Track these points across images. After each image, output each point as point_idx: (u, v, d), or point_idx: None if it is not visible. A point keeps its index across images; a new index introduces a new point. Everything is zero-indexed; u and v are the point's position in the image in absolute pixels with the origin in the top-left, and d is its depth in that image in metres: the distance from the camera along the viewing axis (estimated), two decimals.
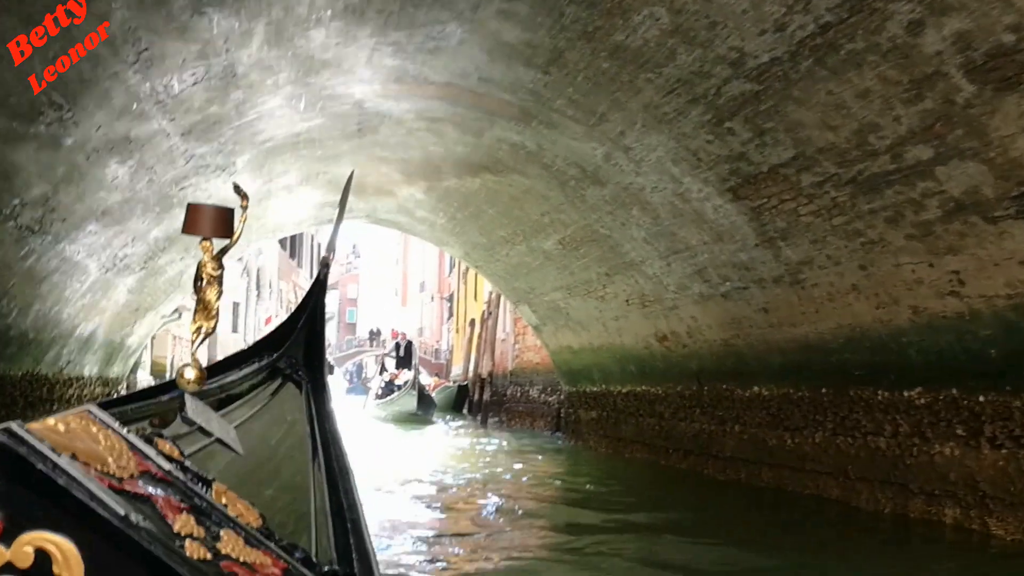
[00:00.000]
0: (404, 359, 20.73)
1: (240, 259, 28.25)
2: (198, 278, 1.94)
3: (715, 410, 8.56)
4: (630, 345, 10.12)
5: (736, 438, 8.17)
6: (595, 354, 11.30)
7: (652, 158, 6.83)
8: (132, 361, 12.67)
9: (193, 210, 1.92)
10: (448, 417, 20.38)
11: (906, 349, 5.84)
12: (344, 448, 2.17)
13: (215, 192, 8.51)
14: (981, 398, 5.25)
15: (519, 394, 17.78)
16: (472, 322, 28.63)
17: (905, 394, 5.98)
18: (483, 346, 23.34)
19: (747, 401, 8.00)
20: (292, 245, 37.79)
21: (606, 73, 5.97)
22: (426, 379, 20.14)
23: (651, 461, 10.02)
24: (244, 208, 2.04)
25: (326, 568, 1.27)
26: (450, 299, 44.36)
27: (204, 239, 1.89)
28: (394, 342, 21.91)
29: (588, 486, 8.82)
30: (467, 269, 37.14)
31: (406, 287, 67.07)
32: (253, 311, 29.80)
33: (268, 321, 29.45)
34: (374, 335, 60.42)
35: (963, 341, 5.28)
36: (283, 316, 33.08)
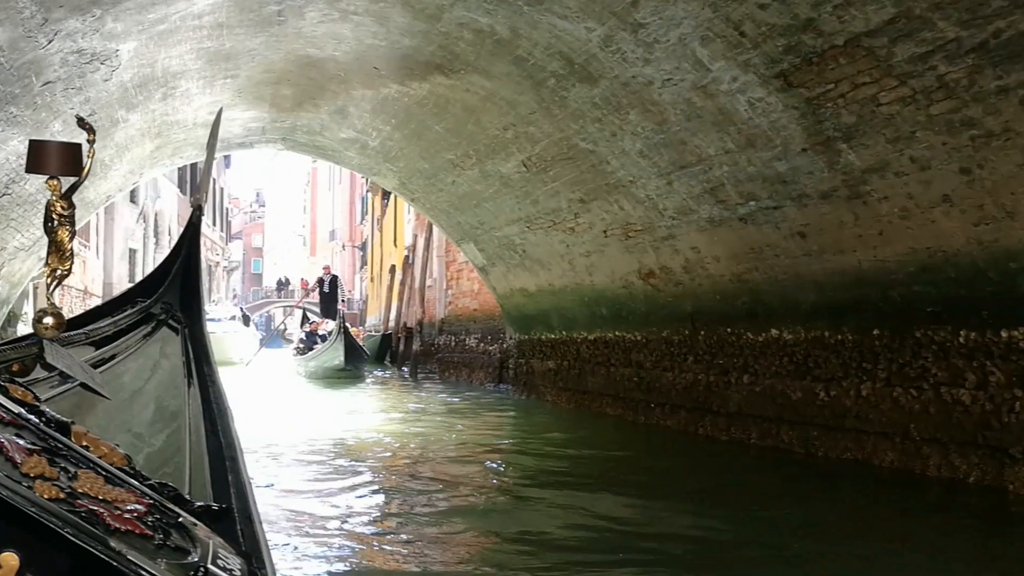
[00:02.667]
0: (329, 296, 18.43)
1: (134, 202, 25.74)
2: (48, 219, 1.85)
3: (715, 358, 7.22)
4: (603, 285, 8.68)
5: (744, 391, 6.86)
6: (555, 297, 9.83)
7: (671, 38, 5.29)
8: (5, 311, 10.61)
9: (36, 147, 1.82)
10: (371, 369, 18.63)
11: (1014, 277, 4.54)
12: (222, 390, 2.11)
13: (94, 97, 6.60)
14: None
15: (453, 344, 16.23)
16: (392, 269, 26.92)
17: (1003, 335, 4.70)
18: (408, 293, 21.68)
19: (761, 347, 6.67)
20: (192, 189, 34.99)
21: None
22: (331, 326, 17.75)
23: (626, 417, 8.67)
24: (91, 143, 1.91)
25: (198, 504, 1.23)
26: (363, 247, 42.34)
27: (51, 178, 1.82)
28: (317, 278, 19.53)
29: (551, 448, 7.35)
30: (384, 214, 35.25)
31: (315, 235, 64.64)
32: (152, 258, 27.36)
33: (152, 272, 26.93)
34: (282, 285, 57.79)
35: None
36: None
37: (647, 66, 5.66)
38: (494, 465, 6.42)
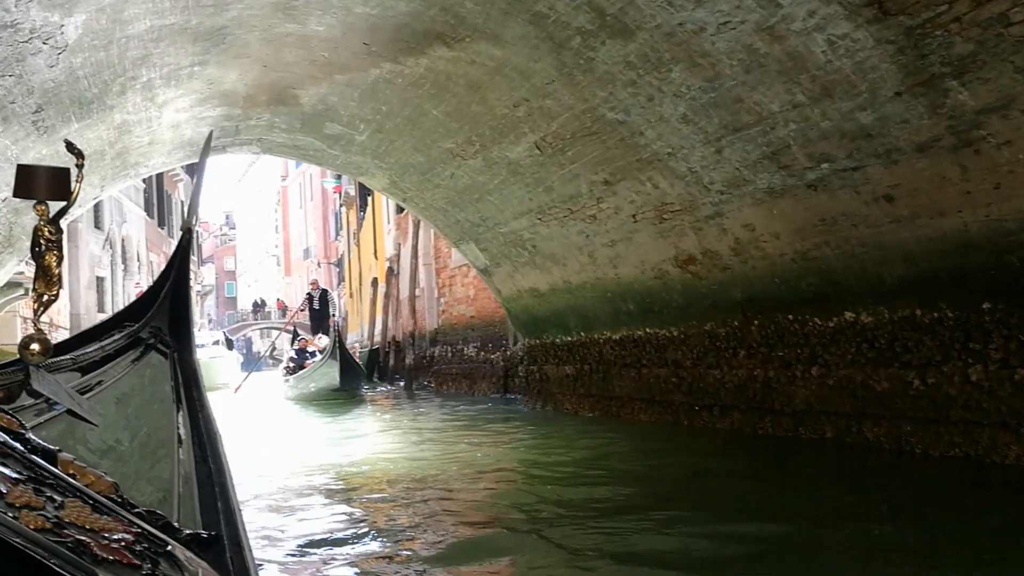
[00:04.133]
0: (319, 313, 17.19)
1: (99, 227, 24.52)
2: (35, 244, 1.85)
3: (773, 350, 6.35)
4: (630, 278, 7.79)
5: (813, 385, 5.99)
6: (572, 295, 8.93)
7: None
8: None
9: (24, 172, 1.81)
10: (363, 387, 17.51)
11: None
12: (212, 415, 2.10)
13: (39, 87, 5.63)
14: None
15: (450, 354, 15.28)
16: (374, 282, 25.99)
17: None
18: (395, 305, 20.72)
19: (832, 334, 5.81)
20: (159, 213, 33.78)
21: None
22: (324, 341, 16.49)
23: (665, 422, 7.78)
24: (80, 167, 1.90)
25: (187, 531, 1.23)
26: (339, 263, 41.22)
27: (38, 202, 1.82)
28: (306, 293, 18.24)
29: (589, 465, 6.32)
30: (360, 228, 34.29)
31: (288, 255, 63.63)
32: (121, 286, 26.19)
33: (140, 295, 25.85)
34: (258, 307, 56.60)
35: None
36: None
37: (699, 8, 4.77)
38: (523, 490, 5.49)
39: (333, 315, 17.25)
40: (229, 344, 25.17)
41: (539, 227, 8.51)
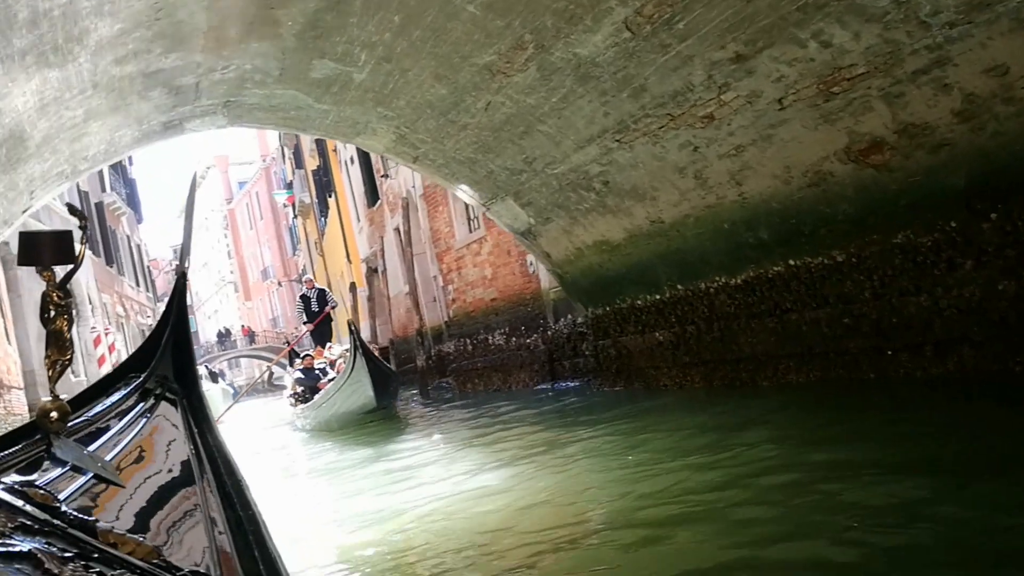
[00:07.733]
0: (318, 316, 14.44)
1: None
2: (44, 310, 1.78)
3: None
4: (765, 195, 5.79)
5: None
6: (665, 237, 6.92)
7: None
8: None
9: (28, 239, 1.71)
10: None
11: None
12: (231, 458, 2.08)
13: None
14: None
15: (470, 347, 13.22)
16: (353, 287, 23.87)
17: None
18: (388, 305, 18.64)
19: None
20: (106, 250, 31.04)
21: None
22: (337, 350, 13.78)
23: (834, 380, 5.83)
24: (84, 229, 1.88)
25: None
26: (301, 279, 38.89)
27: (44, 268, 1.74)
28: (299, 295, 15.34)
29: (783, 474, 4.23)
30: (323, 236, 31.98)
31: (246, 279, 61.21)
32: (76, 335, 23.63)
33: (98, 341, 23.44)
34: (223, 336, 53.78)
35: None
36: (115, 333, 26.71)
37: None
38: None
39: (332, 306, 14.62)
40: (214, 377, 23.04)
41: (616, 153, 6.48)
